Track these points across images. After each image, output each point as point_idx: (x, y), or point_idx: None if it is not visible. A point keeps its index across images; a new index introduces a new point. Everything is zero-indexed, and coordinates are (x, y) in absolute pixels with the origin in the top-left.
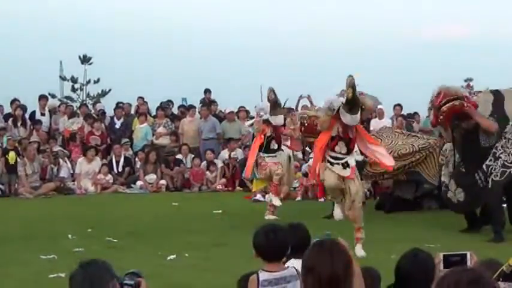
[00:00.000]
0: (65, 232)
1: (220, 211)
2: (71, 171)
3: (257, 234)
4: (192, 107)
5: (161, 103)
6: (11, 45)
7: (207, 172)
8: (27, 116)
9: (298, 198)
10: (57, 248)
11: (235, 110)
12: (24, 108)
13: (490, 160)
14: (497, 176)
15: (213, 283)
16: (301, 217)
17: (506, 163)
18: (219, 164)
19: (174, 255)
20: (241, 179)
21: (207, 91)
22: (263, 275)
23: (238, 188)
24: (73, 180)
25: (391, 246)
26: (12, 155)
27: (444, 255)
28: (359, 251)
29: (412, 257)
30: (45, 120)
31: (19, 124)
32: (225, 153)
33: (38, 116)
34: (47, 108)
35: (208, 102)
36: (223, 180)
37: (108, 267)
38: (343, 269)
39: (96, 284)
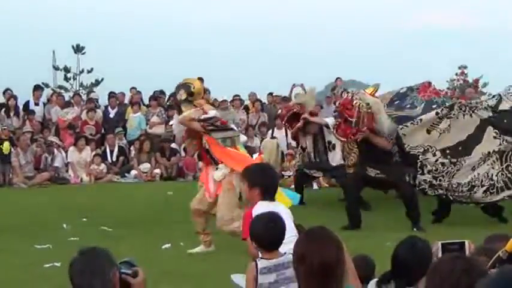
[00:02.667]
0: (59, 222)
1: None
2: (65, 161)
3: (255, 223)
4: None
5: (154, 92)
6: (3, 35)
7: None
8: (20, 106)
9: (292, 186)
10: (52, 237)
11: (229, 99)
12: (16, 98)
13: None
14: None
15: (209, 271)
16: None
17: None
18: None
19: (169, 244)
20: None
21: (199, 79)
22: (262, 263)
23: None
24: (67, 170)
25: (387, 234)
26: (6, 145)
27: (442, 244)
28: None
29: (409, 244)
30: (38, 110)
31: (12, 114)
32: None
33: (32, 106)
34: (41, 99)
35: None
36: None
37: (109, 254)
38: (334, 256)
39: (97, 272)
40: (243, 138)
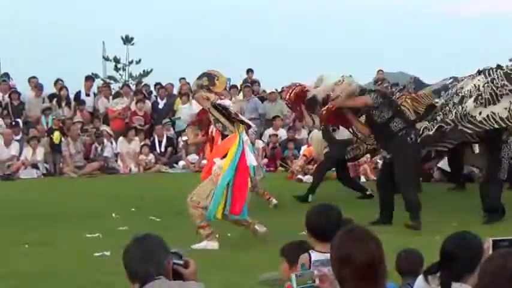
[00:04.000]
0: (109, 211)
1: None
2: (115, 151)
3: (310, 213)
4: (234, 87)
5: None
6: (54, 27)
7: None
8: (71, 96)
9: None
10: (101, 226)
11: (278, 91)
12: (67, 89)
13: None
14: None
15: (256, 261)
16: (338, 198)
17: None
18: (260, 144)
19: (217, 235)
20: (282, 159)
21: (250, 71)
22: (315, 255)
23: (280, 168)
24: (116, 160)
25: (436, 227)
26: (57, 134)
27: (493, 240)
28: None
29: (458, 238)
30: (89, 100)
31: (63, 104)
32: (267, 134)
33: (82, 96)
34: (91, 89)
35: (250, 82)
36: (265, 160)
37: (163, 242)
38: (378, 252)
39: (152, 258)
40: (251, 131)
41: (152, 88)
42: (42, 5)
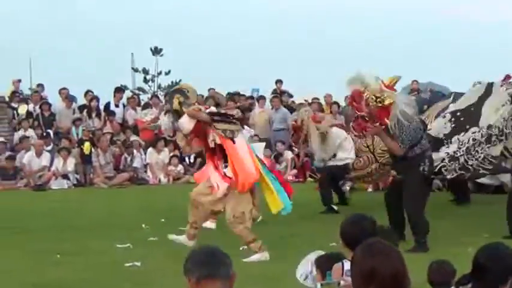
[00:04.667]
0: (139, 222)
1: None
2: (144, 162)
3: (344, 223)
4: (262, 97)
5: (229, 93)
6: (83, 38)
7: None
8: (101, 107)
9: (370, 189)
10: (131, 237)
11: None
12: (98, 100)
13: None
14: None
15: (288, 273)
16: (373, 208)
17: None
18: (289, 155)
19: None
20: (312, 170)
21: (278, 81)
22: (348, 265)
23: (309, 178)
24: (146, 171)
25: (467, 239)
26: (87, 145)
27: None
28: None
29: (491, 249)
30: (118, 111)
31: (93, 115)
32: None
33: (112, 107)
34: (121, 101)
35: (279, 93)
36: (294, 171)
37: (227, 254)
38: (401, 265)
39: (219, 262)
40: (247, 134)
41: None
42: (74, 17)
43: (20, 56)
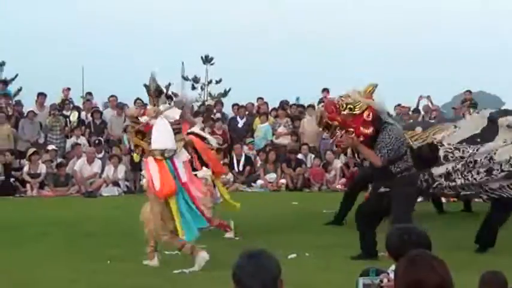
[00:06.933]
0: None
1: (330, 211)
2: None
3: (391, 235)
4: (311, 106)
5: (281, 102)
6: (133, 47)
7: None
8: None
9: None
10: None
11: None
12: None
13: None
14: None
15: (334, 283)
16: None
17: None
18: (338, 164)
19: (295, 254)
20: None
21: (325, 90)
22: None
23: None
24: None
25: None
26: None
27: None
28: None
29: None
30: None
31: None
32: None
33: None
34: None
35: None
36: (343, 180)
37: (277, 260)
38: (447, 275)
39: (268, 271)
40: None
41: (230, 108)
42: (125, 26)
43: (72, 64)
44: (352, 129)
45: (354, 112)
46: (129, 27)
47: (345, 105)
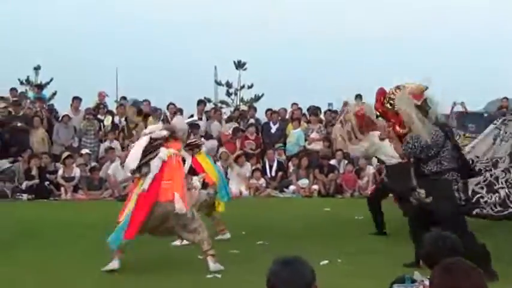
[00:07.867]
0: (218, 234)
1: (362, 217)
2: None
3: (425, 241)
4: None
5: (312, 107)
6: (168, 51)
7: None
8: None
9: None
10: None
11: None
12: (182, 112)
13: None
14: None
15: None
16: None
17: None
18: (371, 170)
19: (327, 261)
20: None
21: (358, 96)
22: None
23: (390, 194)
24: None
25: None
26: None
27: None
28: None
29: None
30: (201, 124)
31: None
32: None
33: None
34: (204, 113)
35: None
36: (375, 186)
37: (311, 267)
38: (482, 283)
39: (301, 282)
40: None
41: (263, 113)
42: (157, 28)
43: (106, 68)
44: (391, 122)
45: (395, 109)
46: (164, 30)
47: (388, 99)
